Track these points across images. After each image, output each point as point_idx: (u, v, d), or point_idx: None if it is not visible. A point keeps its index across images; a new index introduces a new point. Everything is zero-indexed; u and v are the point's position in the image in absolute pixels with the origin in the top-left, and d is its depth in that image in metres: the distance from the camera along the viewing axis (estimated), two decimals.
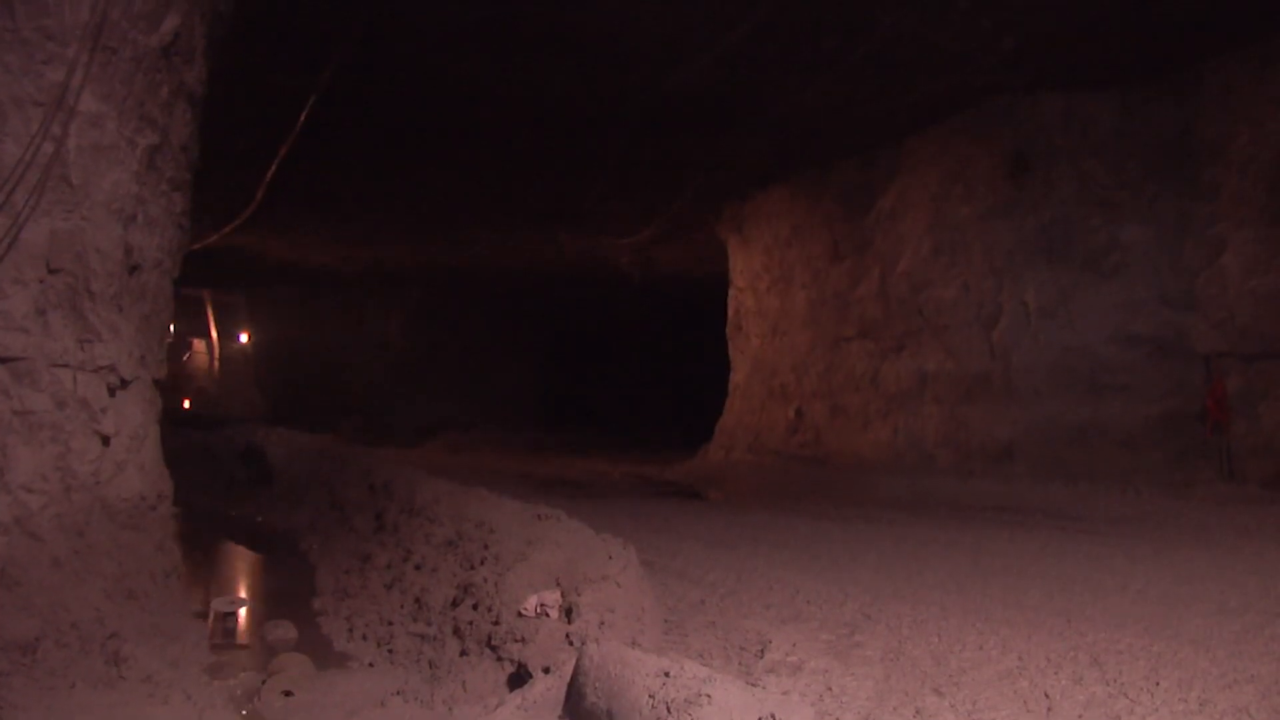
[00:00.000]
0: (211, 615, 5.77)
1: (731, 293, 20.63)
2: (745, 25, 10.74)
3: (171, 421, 20.18)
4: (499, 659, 4.32)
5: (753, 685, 3.56)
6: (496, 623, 4.52)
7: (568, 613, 4.36)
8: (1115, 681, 3.88)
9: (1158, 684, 3.84)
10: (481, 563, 5.34)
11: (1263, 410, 11.02)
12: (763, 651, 4.18)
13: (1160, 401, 12.04)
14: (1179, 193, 11.94)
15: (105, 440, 5.25)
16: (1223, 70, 11.37)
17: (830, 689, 3.74)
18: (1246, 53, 11.06)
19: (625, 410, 29.87)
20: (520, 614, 4.46)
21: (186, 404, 20.46)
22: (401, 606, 5.68)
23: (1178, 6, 10.14)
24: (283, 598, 6.77)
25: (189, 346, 21.69)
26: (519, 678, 4.13)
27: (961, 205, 14.08)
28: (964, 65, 11.82)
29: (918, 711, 3.55)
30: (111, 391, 5.35)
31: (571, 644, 4.08)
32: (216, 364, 21.89)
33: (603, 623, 4.20)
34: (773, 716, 2.81)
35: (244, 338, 24.16)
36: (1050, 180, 12.81)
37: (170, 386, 22.62)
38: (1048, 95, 12.64)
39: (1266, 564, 6.67)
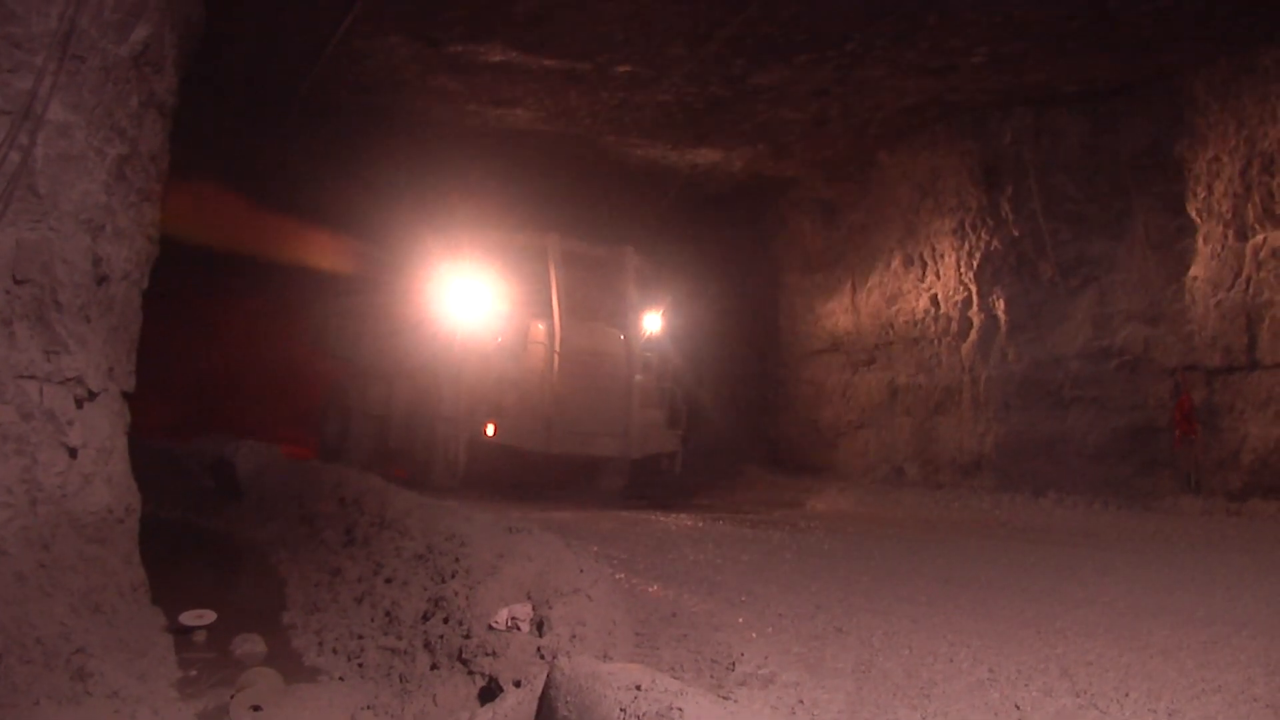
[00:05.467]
0: (179, 629, 5.71)
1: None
2: (716, 41, 10.80)
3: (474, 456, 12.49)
4: (470, 673, 4.30)
5: (724, 698, 3.56)
6: (467, 636, 4.50)
7: (539, 626, 4.35)
8: (1085, 693, 3.90)
9: (1127, 695, 3.87)
10: (453, 576, 5.32)
11: (1228, 423, 11.13)
12: (734, 664, 4.18)
13: (1128, 414, 12.15)
14: (1147, 207, 12.06)
15: (72, 453, 5.20)
16: (1189, 87, 11.50)
17: (802, 702, 3.74)
18: (1213, 70, 11.19)
19: None
20: (491, 627, 4.44)
21: (491, 430, 12.33)
22: (372, 620, 5.65)
23: (1145, 25, 10.25)
24: (252, 612, 6.70)
25: (525, 330, 13.02)
26: (490, 692, 4.11)
27: (932, 219, 14.18)
28: (933, 81, 11.91)
29: None
30: (79, 403, 5.29)
31: (543, 658, 4.07)
32: (555, 365, 12.77)
33: (574, 636, 4.19)
34: None
35: (651, 321, 14.37)
36: (1020, 194, 12.93)
37: (470, 390, 12.59)
38: (1017, 110, 12.75)
39: (1232, 575, 6.73)
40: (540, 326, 12.93)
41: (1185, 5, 9.81)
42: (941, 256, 14.10)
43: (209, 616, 5.89)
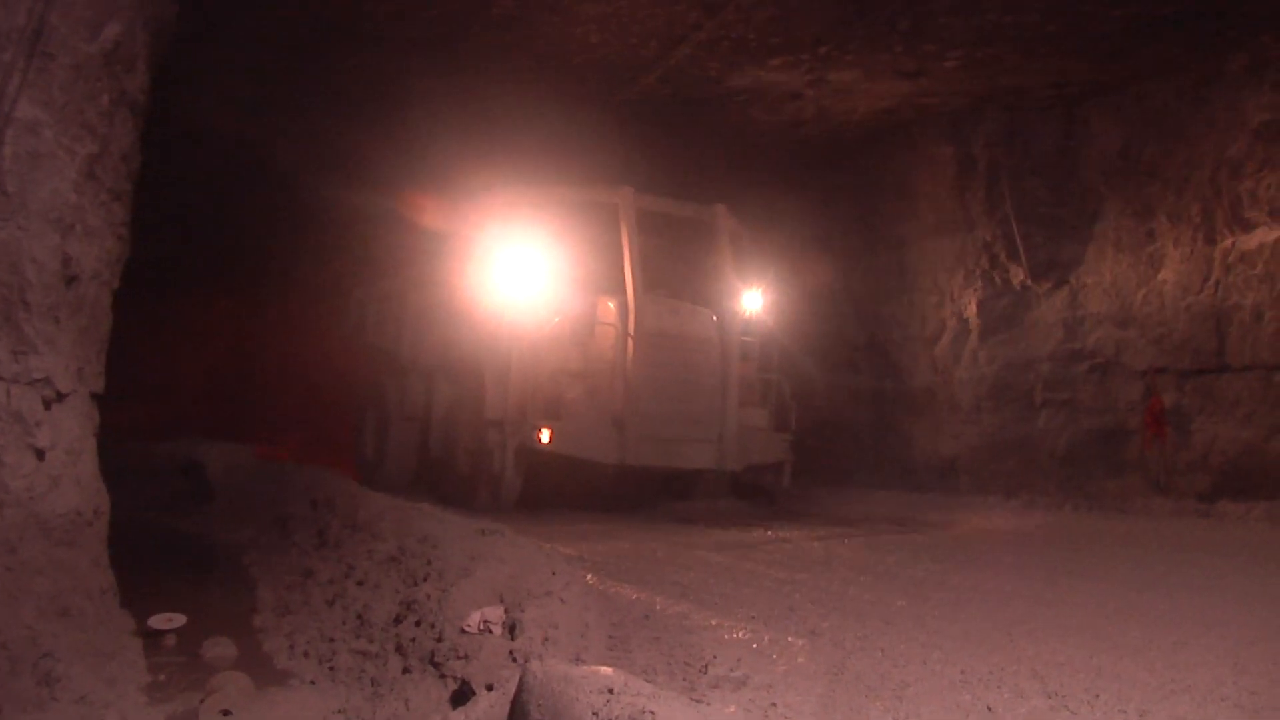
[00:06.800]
0: (148, 633, 5.66)
1: None
2: (690, 43, 10.83)
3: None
4: (442, 676, 4.28)
5: (697, 701, 3.56)
6: (439, 639, 4.48)
7: (511, 629, 4.33)
8: (1056, 694, 3.91)
9: (1098, 696, 3.89)
10: (425, 579, 5.30)
11: (1197, 425, 11.23)
12: (707, 667, 4.18)
13: (1099, 417, 12.25)
14: (1118, 210, 12.17)
15: (40, 454, 5.14)
16: (1160, 92, 11.61)
17: (774, 704, 3.74)
18: (1182, 76, 11.31)
19: None
20: (463, 631, 4.42)
21: (545, 436, 9.80)
22: (343, 623, 5.61)
23: (1117, 29, 10.34)
24: (222, 614, 6.65)
25: (590, 309, 10.60)
26: (462, 695, 4.09)
27: (906, 222, 14.24)
28: (906, 84, 11.98)
29: None
30: (47, 405, 5.23)
31: (515, 661, 4.05)
32: (630, 351, 10.30)
33: (546, 639, 4.18)
34: None
35: (749, 299, 11.62)
36: (992, 197, 13.01)
37: (521, 386, 10.10)
38: (990, 113, 12.84)
39: (1201, 576, 6.79)
40: (610, 305, 10.59)
41: (1156, 11, 9.91)
42: (915, 259, 14.16)
43: (179, 620, 5.84)
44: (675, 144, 14.50)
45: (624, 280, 10.48)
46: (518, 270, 10.38)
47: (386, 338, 13.83)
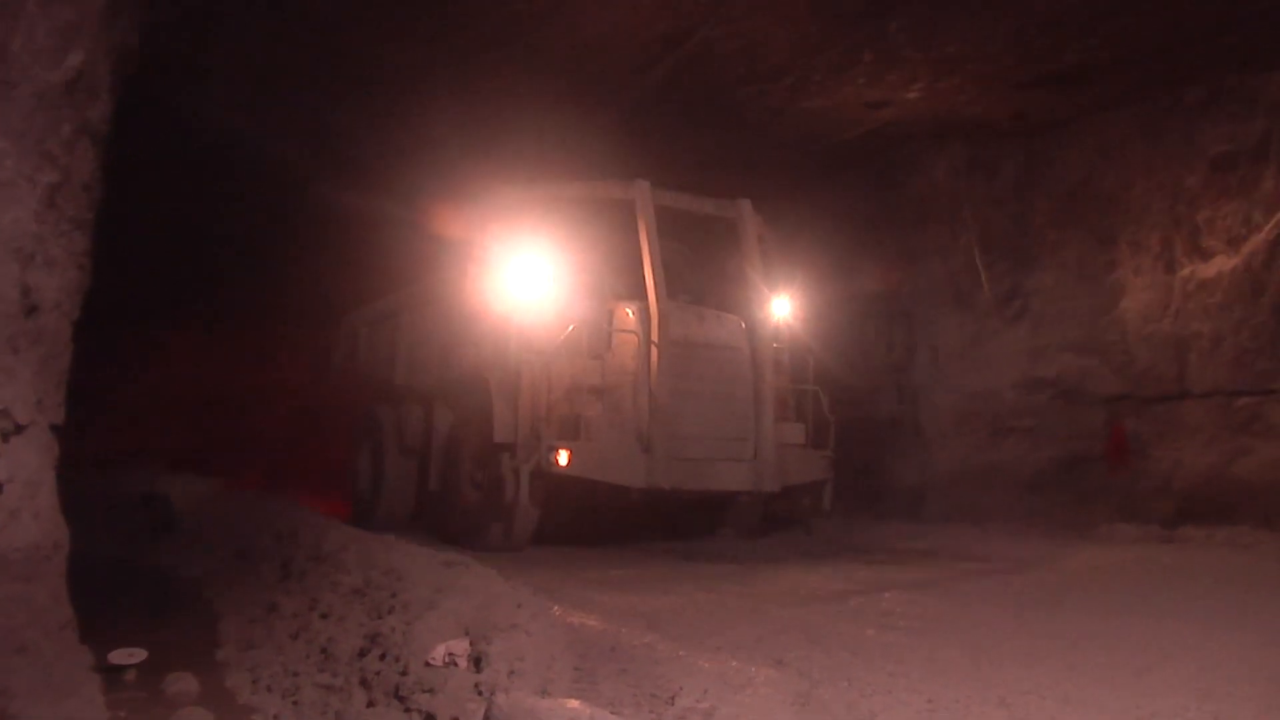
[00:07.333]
0: (109, 668, 5.57)
1: None
2: (654, 76, 10.88)
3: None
4: (406, 710, 4.24)
5: None
6: (404, 673, 4.44)
7: (476, 662, 4.30)
8: None
9: None
10: (390, 611, 5.25)
11: (1160, 452, 11.33)
12: (674, 699, 4.16)
13: (1063, 444, 12.32)
14: (1080, 240, 12.30)
15: None
16: (1120, 124, 11.78)
17: None
18: (1141, 107, 11.48)
19: None
20: (428, 664, 4.39)
21: (563, 458, 8.84)
22: (307, 657, 5.55)
23: (1076, 62, 10.49)
24: (185, 649, 6.56)
25: (608, 317, 9.79)
26: None
27: (871, 250, 14.31)
28: (869, 115, 12.09)
29: None
30: (5, 437, 5.17)
31: (480, 694, 4.02)
32: (654, 362, 9.51)
33: (512, 672, 4.15)
34: None
35: (779, 305, 10.95)
36: (956, 227, 13.12)
37: (532, 403, 9.21)
38: (953, 143, 12.96)
39: (1164, 602, 6.83)
40: (629, 311, 9.74)
41: (1113, 46, 10.07)
42: (881, 289, 14.23)
43: (139, 655, 5.75)
44: (653, 141, 14.26)
45: (643, 284, 9.73)
46: (525, 276, 9.60)
47: (380, 362, 13.09)
